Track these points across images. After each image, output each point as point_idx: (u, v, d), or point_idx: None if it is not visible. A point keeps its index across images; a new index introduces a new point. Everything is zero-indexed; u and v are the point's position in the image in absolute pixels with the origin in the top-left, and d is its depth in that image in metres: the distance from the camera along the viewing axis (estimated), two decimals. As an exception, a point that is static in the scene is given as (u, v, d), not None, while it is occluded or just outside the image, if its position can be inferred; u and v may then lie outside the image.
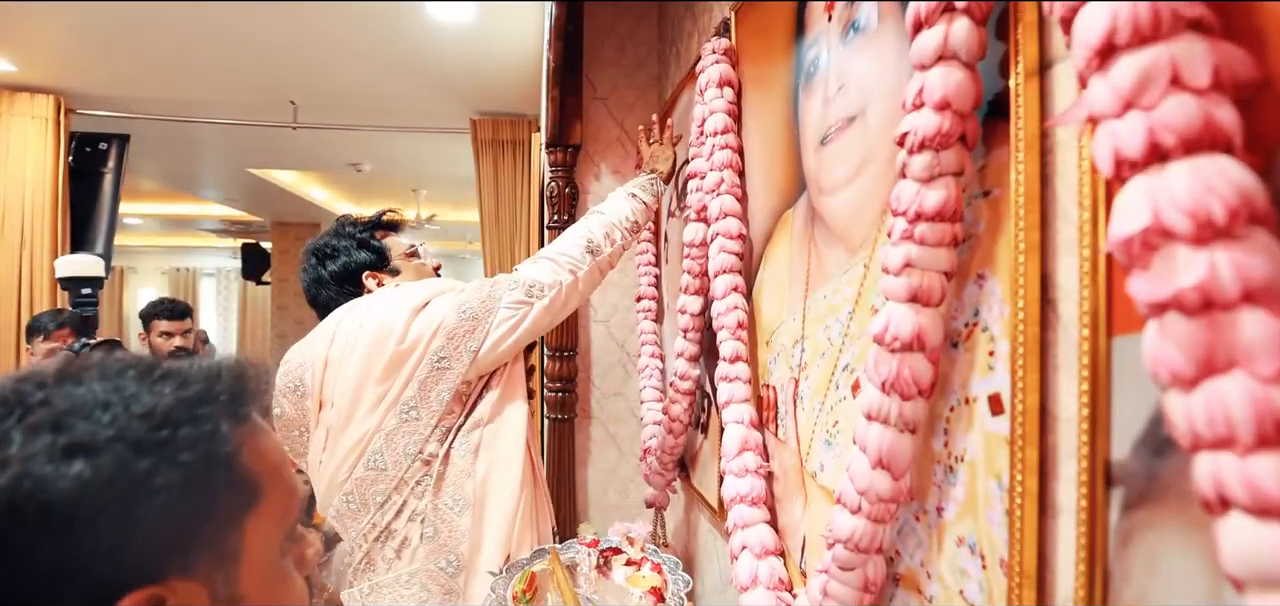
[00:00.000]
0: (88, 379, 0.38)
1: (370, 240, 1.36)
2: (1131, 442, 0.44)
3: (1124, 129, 0.36)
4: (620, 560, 1.16)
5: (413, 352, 1.17)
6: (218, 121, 3.32)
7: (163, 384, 0.39)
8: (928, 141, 0.55)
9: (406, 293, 1.24)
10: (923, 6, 0.54)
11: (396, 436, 1.16)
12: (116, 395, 0.37)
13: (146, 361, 0.41)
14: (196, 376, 0.41)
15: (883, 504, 0.64)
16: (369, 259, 1.34)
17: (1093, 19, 0.37)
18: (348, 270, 1.33)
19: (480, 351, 1.18)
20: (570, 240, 1.31)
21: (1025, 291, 0.52)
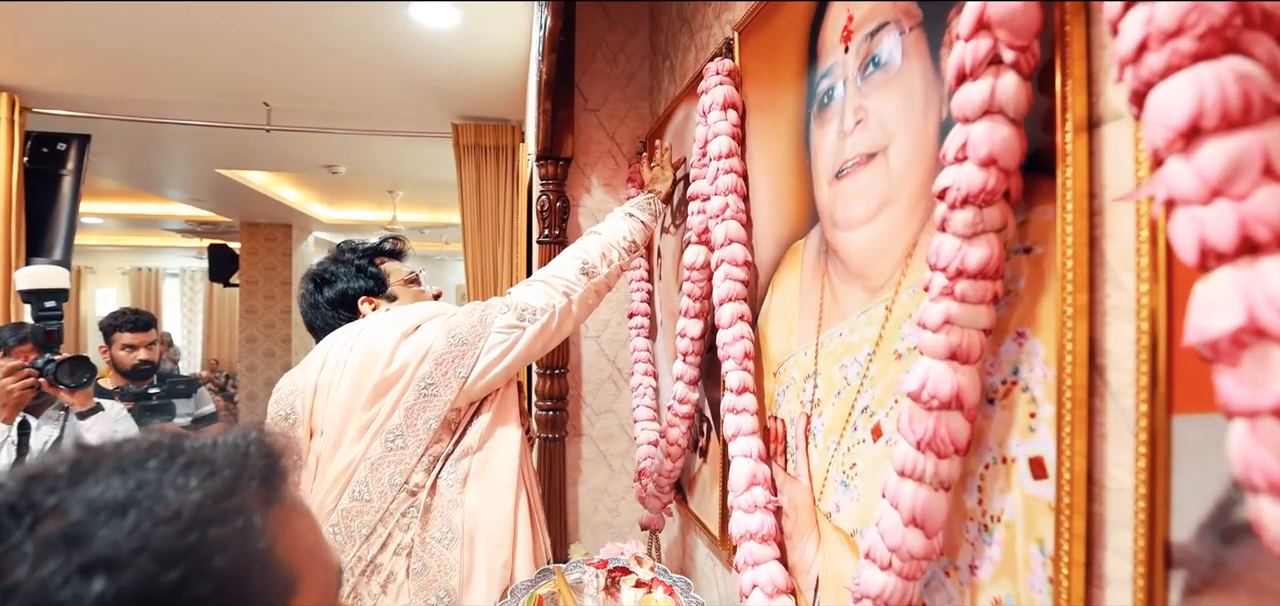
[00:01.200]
0: (104, 474, 0.34)
1: (368, 267, 1.35)
2: (1195, 525, 0.43)
3: (1211, 217, 0.35)
4: (629, 581, 1.14)
5: (399, 378, 1.14)
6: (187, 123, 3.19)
7: (187, 475, 0.35)
8: (971, 198, 0.53)
9: (397, 316, 1.21)
10: (967, 57, 0.53)
11: (382, 465, 1.12)
12: (139, 493, 0.33)
13: (167, 444, 0.37)
14: (224, 460, 0.37)
15: (914, 561, 0.63)
16: (366, 285, 1.32)
17: (1176, 98, 0.36)
18: (344, 297, 1.31)
19: (469, 378, 1.14)
20: (565, 262, 1.28)
21: (1073, 356, 0.50)
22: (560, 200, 1.90)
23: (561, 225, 1.91)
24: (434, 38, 2.42)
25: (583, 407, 1.99)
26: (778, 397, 1.05)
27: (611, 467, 2.01)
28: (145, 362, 2.57)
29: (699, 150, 1.26)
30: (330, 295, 1.32)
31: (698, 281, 1.31)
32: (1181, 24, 0.36)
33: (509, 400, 1.24)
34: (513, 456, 1.20)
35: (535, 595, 1.14)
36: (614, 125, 2.00)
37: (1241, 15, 0.36)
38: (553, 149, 1.86)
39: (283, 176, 5.19)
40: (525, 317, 1.19)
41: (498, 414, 1.21)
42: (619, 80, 2.00)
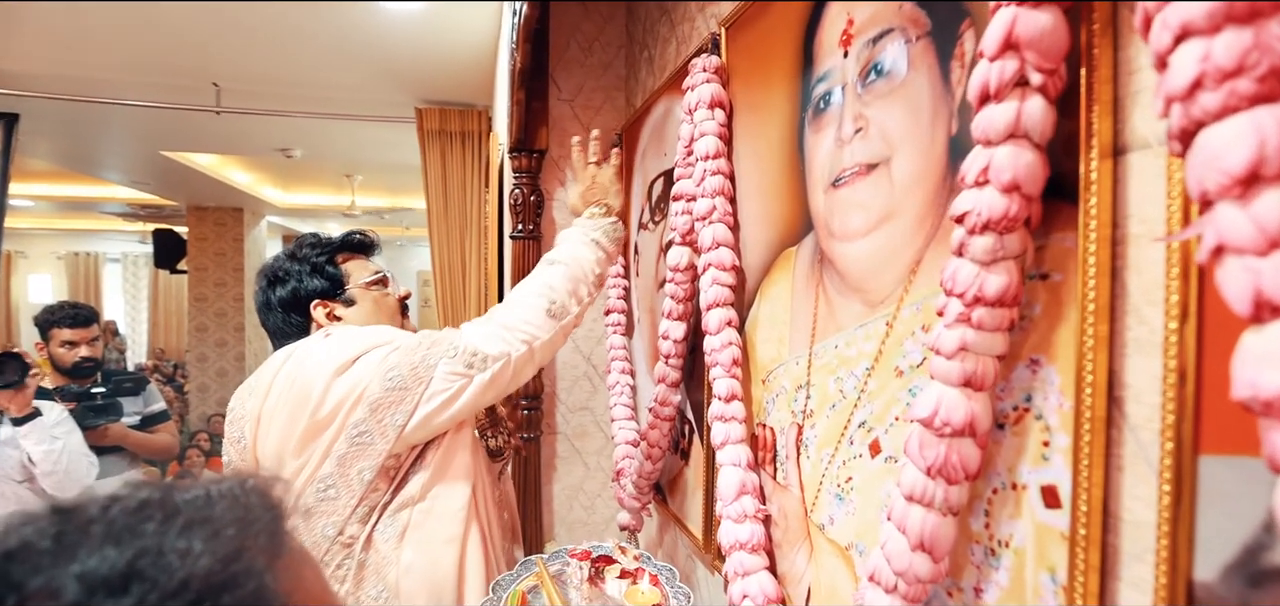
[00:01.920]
0: (95, 543, 0.30)
1: (326, 265, 1.19)
2: (1220, 567, 0.42)
3: (1268, 269, 0.33)
4: (614, 571, 1.11)
5: (329, 425, 1.02)
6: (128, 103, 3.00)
7: (189, 537, 0.31)
8: (993, 224, 0.52)
9: (336, 347, 1.06)
10: (992, 77, 0.51)
11: (314, 516, 1.02)
12: (140, 563, 0.29)
13: (158, 500, 0.33)
14: (226, 516, 0.33)
15: (919, 584, 0.62)
16: (321, 286, 1.17)
17: (1234, 141, 0.34)
18: (296, 297, 1.17)
19: (407, 428, 1.02)
20: (529, 301, 1.14)
21: (1092, 387, 0.50)
22: (534, 194, 1.84)
23: (535, 219, 1.85)
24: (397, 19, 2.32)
25: (557, 405, 1.95)
26: (767, 405, 1.04)
27: (587, 465, 1.98)
28: (87, 360, 2.41)
29: (684, 148, 1.23)
30: (282, 295, 1.17)
31: (682, 283, 1.29)
32: (1242, 63, 0.35)
33: (458, 443, 1.11)
34: (460, 507, 1.08)
35: (518, 590, 1.10)
36: (589, 116, 1.95)
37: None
38: (526, 141, 1.80)
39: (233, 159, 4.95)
40: (474, 365, 1.05)
41: (444, 459, 1.08)
42: (594, 70, 1.95)
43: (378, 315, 1.19)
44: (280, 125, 3.55)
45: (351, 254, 1.23)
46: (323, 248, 1.21)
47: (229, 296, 6.40)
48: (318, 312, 1.17)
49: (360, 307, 1.20)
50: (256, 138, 3.94)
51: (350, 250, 1.23)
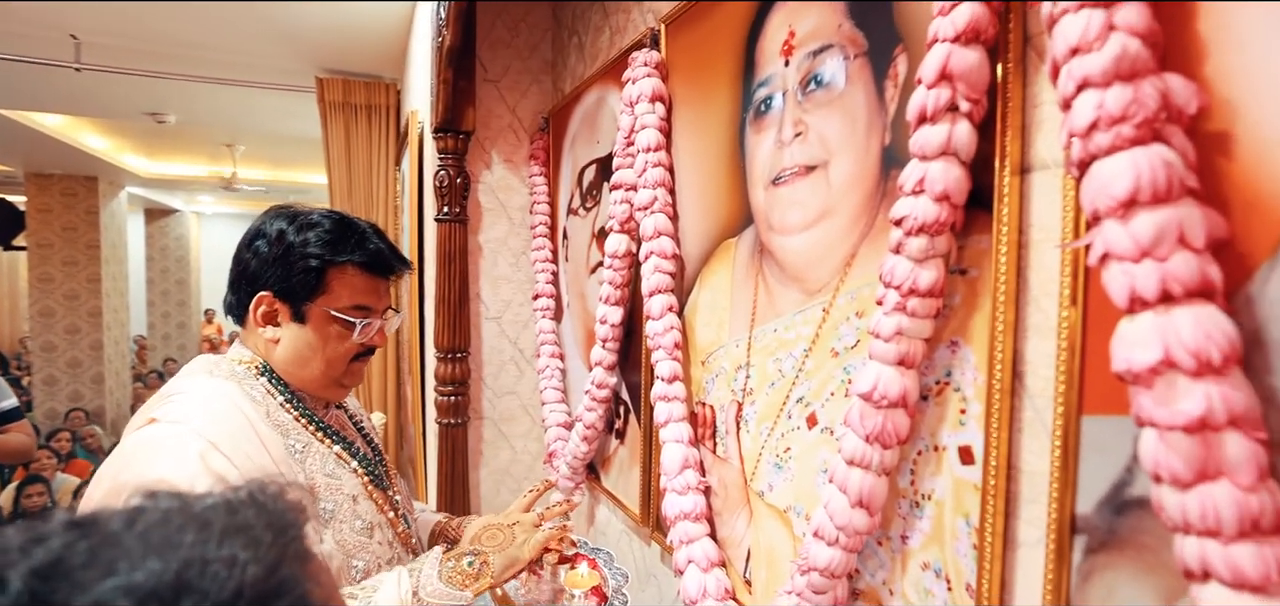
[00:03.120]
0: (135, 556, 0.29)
1: (309, 261, 0.91)
2: (1095, 501, 0.54)
3: (1141, 273, 0.44)
4: (552, 557, 1.14)
5: None
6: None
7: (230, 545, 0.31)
8: (926, 227, 0.61)
9: (142, 458, 0.79)
10: (929, 103, 0.60)
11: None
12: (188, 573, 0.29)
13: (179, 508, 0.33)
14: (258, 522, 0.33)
15: (857, 536, 0.72)
16: (280, 280, 0.91)
17: (1119, 173, 0.45)
18: (255, 277, 0.92)
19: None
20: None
21: (1001, 363, 0.61)
22: (460, 176, 1.81)
23: (461, 202, 1.82)
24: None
25: (484, 390, 1.94)
26: (706, 385, 1.11)
27: (514, 449, 1.99)
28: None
29: (624, 139, 1.27)
30: (254, 255, 0.92)
31: (620, 269, 1.34)
32: (1125, 112, 0.45)
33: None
34: None
35: None
36: (515, 98, 1.94)
37: (1164, 110, 0.45)
38: (452, 121, 1.76)
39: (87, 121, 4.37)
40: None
41: None
42: (521, 51, 1.93)
43: (317, 352, 0.93)
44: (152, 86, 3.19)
45: (357, 268, 0.93)
46: (333, 241, 0.92)
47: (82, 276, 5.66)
48: (257, 309, 0.92)
49: (307, 333, 0.92)
50: (121, 99, 3.51)
51: (363, 267, 0.94)
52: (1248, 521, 0.41)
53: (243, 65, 2.93)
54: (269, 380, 0.93)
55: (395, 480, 1.08)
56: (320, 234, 0.92)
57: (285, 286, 0.91)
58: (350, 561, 0.92)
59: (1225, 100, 0.46)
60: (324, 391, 0.97)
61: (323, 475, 0.92)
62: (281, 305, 0.92)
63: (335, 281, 0.92)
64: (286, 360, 0.94)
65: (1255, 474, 0.41)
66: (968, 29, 0.58)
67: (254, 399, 0.90)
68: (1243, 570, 0.40)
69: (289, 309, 0.92)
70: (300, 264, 0.90)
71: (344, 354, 0.95)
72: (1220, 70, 0.46)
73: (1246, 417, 0.41)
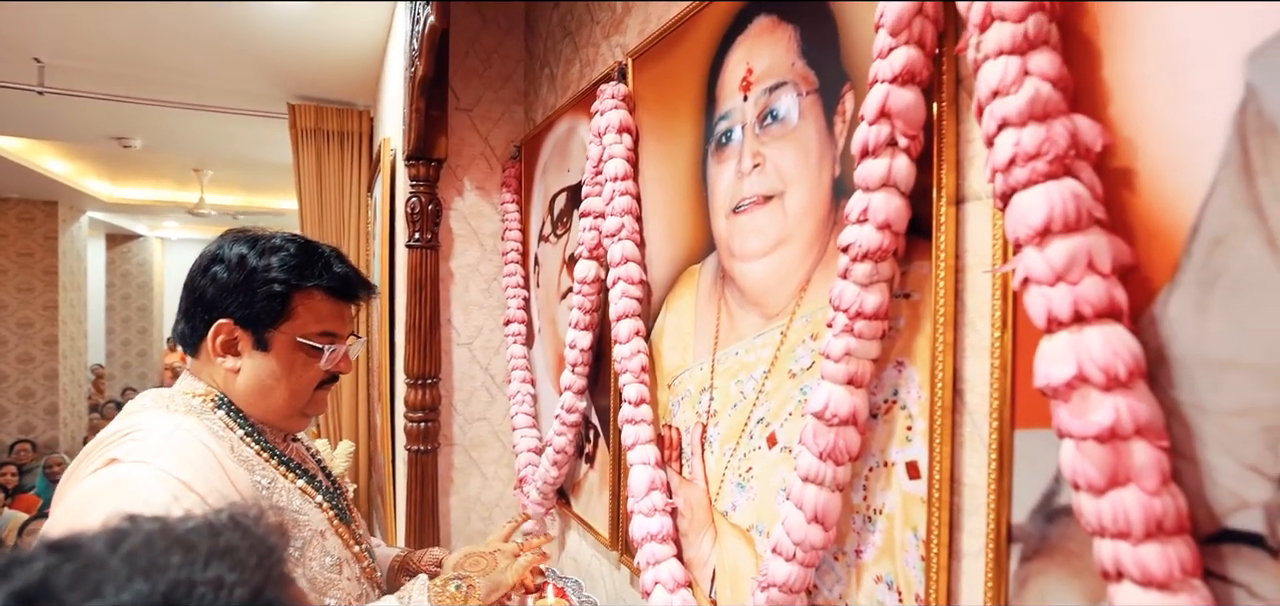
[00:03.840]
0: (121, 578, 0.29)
1: (273, 286, 0.87)
2: (1028, 511, 0.57)
3: (1056, 296, 0.48)
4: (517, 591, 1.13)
5: None
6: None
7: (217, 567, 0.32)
8: (870, 254, 0.65)
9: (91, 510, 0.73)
10: (871, 138, 0.64)
11: None
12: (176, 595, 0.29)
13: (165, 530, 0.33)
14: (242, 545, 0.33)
15: (814, 551, 0.74)
16: (240, 307, 0.87)
17: (1035, 205, 0.49)
18: (213, 304, 0.88)
19: None
20: None
21: (942, 382, 0.64)
22: (432, 203, 1.83)
23: (433, 229, 1.84)
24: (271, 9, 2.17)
25: (454, 416, 1.94)
26: (672, 408, 1.14)
27: (484, 476, 1.98)
28: None
29: (593, 168, 1.31)
30: (210, 280, 0.88)
31: (589, 295, 1.36)
32: (1039, 150, 0.49)
33: None
34: None
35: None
36: (487, 127, 1.97)
37: (1073, 147, 0.50)
38: (424, 149, 1.78)
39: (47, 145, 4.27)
40: None
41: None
42: (493, 81, 1.97)
43: (280, 383, 0.90)
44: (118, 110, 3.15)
45: (322, 293, 0.91)
46: (298, 266, 0.89)
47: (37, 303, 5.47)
48: (216, 338, 0.88)
49: (269, 363, 0.89)
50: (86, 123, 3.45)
51: (330, 292, 0.91)
52: (1153, 523, 0.44)
53: (213, 90, 2.92)
54: (227, 413, 0.88)
55: (356, 514, 1.06)
56: (284, 258, 0.89)
57: (248, 313, 0.88)
58: (321, 600, 0.89)
59: (1128, 139, 0.51)
60: (287, 422, 0.94)
61: (289, 512, 0.89)
62: (243, 333, 0.88)
63: (301, 307, 0.89)
64: (248, 390, 0.90)
65: (1159, 479, 0.44)
66: (904, 71, 0.63)
67: (216, 433, 0.85)
68: (1150, 569, 0.44)
69: (251, 337, 0.88)
70: (264, 290, 0.87)
71: (309, 382, 0.92)
72: (1123, 112, 0.51)
73: (1151, 427, 0.45)
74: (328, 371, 0.93)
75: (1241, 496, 0.44)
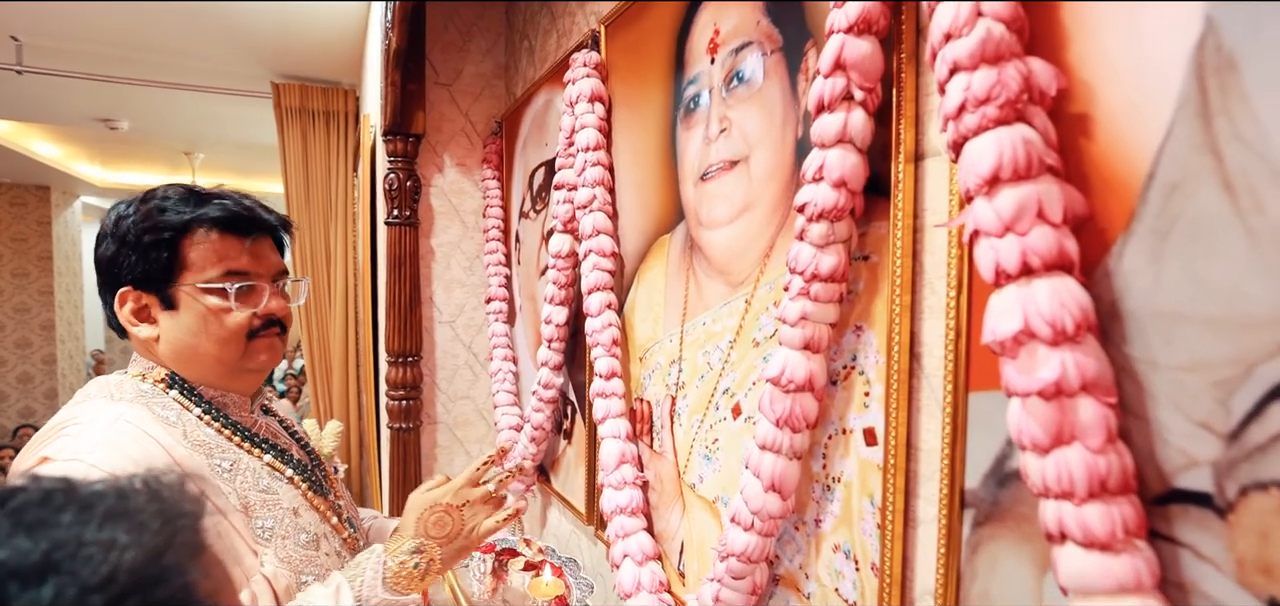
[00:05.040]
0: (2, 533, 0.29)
1: (158, 240, 0.82)
2: (981, 476, 0.55)
3: (1004, 248, 0.45)
4: (518, 563, 1.09)
5: None
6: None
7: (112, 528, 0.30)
8: (825, 213, 0.63)
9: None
10: (825, 92, 0.62)
11: None
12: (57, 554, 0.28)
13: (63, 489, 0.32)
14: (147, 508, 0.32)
15: (772, 520, 0.73)
16: (136, 269, 0.82)
17: (984, 152, 0.46)
18: (112, 270, 0.84)
19: None
20: None
21: (899, 346, 0.62)
22: (410, 179, 1.80)
23: (412, 205, 1.81)
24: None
25: (438, 394, 1.92)
26: (644, 381, 1.12)
27: (469, 454, 1.97)
28: None
29: (565, 139, 1.28)
30: (102, 257, 0.85)
31: (563, 269, 1.34)
32: (989, 94, 0.46)
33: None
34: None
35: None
36: (468, 102, 1.93)
37: (1026, 91, 0.47)
38: (401, 124, 1.75)
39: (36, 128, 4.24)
40: None
41: None
42: (473, 55, 1.93)
43: (201, 336, 0.84)
44: (103, 91, 3.11)
45: (213, 232, 0.84)
46: (172, 214, 0.83)
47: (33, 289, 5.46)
48: (124, 308, 0.83)
49: (183, 318, 0.83)
50: (70, 105, 3.41)
51: (215, 226, 0.85)
52: (1097, 482, 0.42)
53: (196, 70, 2.87)
54: (181, 392, 0.84)
55: (336, 485, 1.03)
56: (159, 204, 0.83)
57: (142, 273, 0.82)
58: (299, 578, 0.86)
59: (1086, 83, 0.48)
60: (231, 382, 0.88)
61: (256, 492, 0.85)
62: (147, 296, 0.83)
63: (192, 251, 0.83)
64: (175, 355, 0.84)
65: (1104, 436, 0.42)
66: (860, 20, 0.60)
67: (167, 420, 0.80)
68: (1093, 530, 0.42)
69: (156, 298, 0.83)
70: (149, 240, 0.82)
71: (234, 332, 0.85)
72: (1081, 55, 0.48)
73: (1098, 383, 0.43)
74: (258, 316, 0.86)
75: (1191, 455, 0.42)
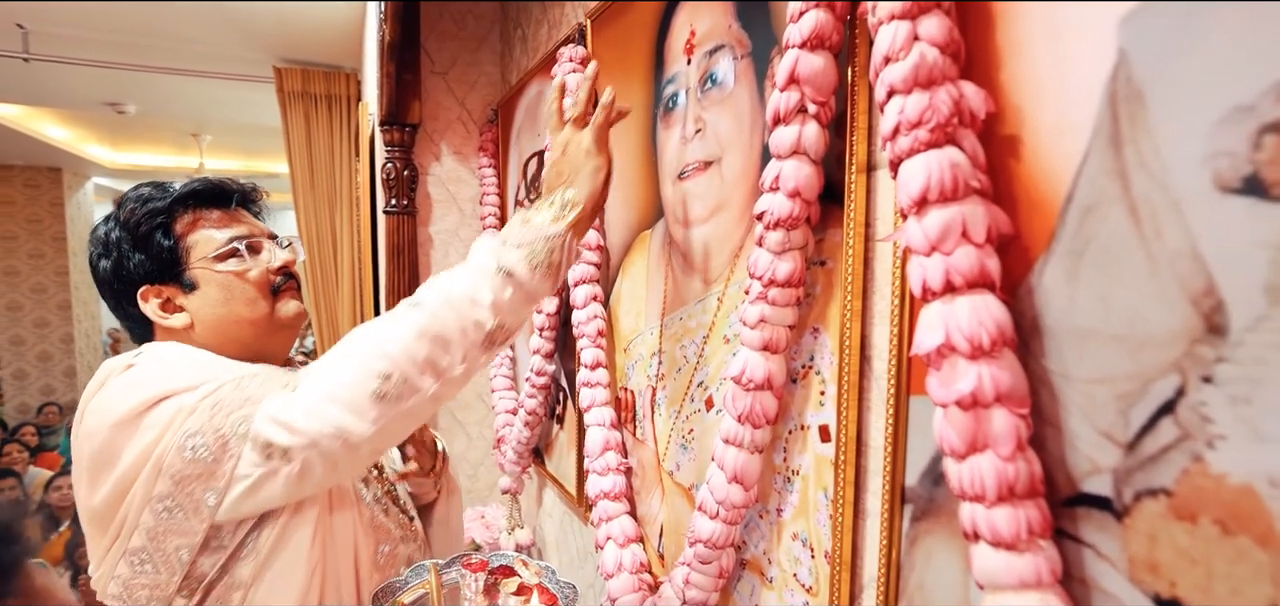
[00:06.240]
0: None
1: (155, 232, 0.85)
2: (918, 474, 0.59)
3: (931, 266, 0.48)
4: (511, 585, 0.97)
5: (126, 494, 0.76)
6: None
7: None
8: (781, 222, 0.65)
9: (126, 388, 0.77)
10: (781, 105, 0.64)
11: (134, 587, 0.79)
12: None
13: None
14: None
15: (735, 510, 0.77)
16: (146, 266, 0.85)
17: (915, 174, 0.49)
18: (121, 279, 0.86)
19: (220, 508, 0.76)
20: (352, 375, 0.75)
21: (850, 348, 0.65)
22: (407, 168, 1.83)
23: (409, 194, 1.85)
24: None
25: (437, 378, 1.97)
26: (628, 371, 1.16)
27: (469, 436, 2.03)
28: None
29: (554, 133, 1.30)
30: (106, 272, 0.87)
31: (553, 259, 1.37)
32: (921, 118, 0.49)
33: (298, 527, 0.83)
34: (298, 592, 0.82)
35: (396, 602, 0.92)
36: (464, 91, 1.96)
37: (957, 114, 0.49)
38: (397, 114, 1.78)
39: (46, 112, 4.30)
40: (273, 455, 0.74)
41: (280, 544, 0.81)
42: (468, 43, 1.95)
43: (231, 302, 0.87)
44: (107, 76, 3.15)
45: (199, 210, 0.88)
46: (155, 203, 0.86)
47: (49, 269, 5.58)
48: (149, 304, 0.86)
49: (206, 293, 0.86)
50: (77, 90, 3.46)
51: (197, 204, 0.88)
52: (1006, 487, 0.45)
53: (199, 55, 2.91)
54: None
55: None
56: (139, 201, 0.87)
57: (155, 268, 0.85)
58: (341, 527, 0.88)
59: (1016, 106, 0.50)
60: (269, 341, 0.89)
61: None
62: (166, 287, 0.86)
63: (189, 231, 0.87)
64: (210, 331, 0.86)
65: (1015, 445, 0.46)
66: (813, 35, 0.62)
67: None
68: (1000, 530, 0.45)
69: (176, 286, 0.86)
70: (145, 232, 0.85)
71: (259, 285, 0.88)
72: (1013, 77, 0.51)
73: (1012, 395, 0.46)
74: (272, 273, 0.90)
75: (1096, 462, 0.45)
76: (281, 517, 0.81)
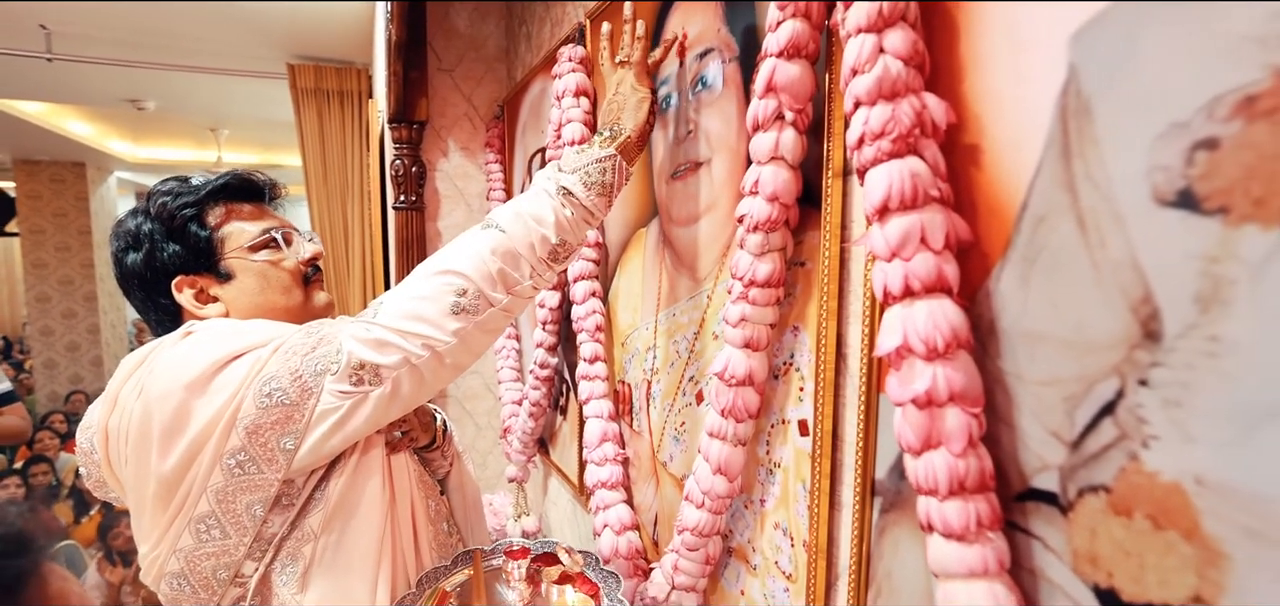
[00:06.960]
0: None
1: (190, 224, 0.86)
2: (887, 468, 0.62)
3: (891, 272, 0.51)
4: (553, 573, 0.97)
5: (196, 459, 0.76)
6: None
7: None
8: (760, 225, 0.68)
9: (192, 352, 0.78)
10: (759, 112, 0.66)
11: (199, 559, 0.80)
12: None
13: None
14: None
15: (720, 500, 0.80)
16: (181, 257, 0.86)
17: (878, 183, 0.51)
18: (154, 270, 0.86)
19: (298, 453, 0.78)
20: (432, 292, 0.79)
21: (826, 346, 0.68)
22: (416, 165, 1.87)
23: (417, 191, 1.89)
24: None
25: (446, 369, 2.02)
26: (625, 365, 1.19)
27: (478, 425, 2.08)
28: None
29: (553, 132, 1.33)
30: (135, 264, 0.87)
31: (555, 255, 1.40)
32: (884, 129, 0.51)
33: (368, 466, 0.86)
34: (373, 542, 0.86)
35: (438, 589, 0.93)
36: (470, 87, 1.99)
37: (919, 125, 0.52)
38: (405, 112, 1.82)
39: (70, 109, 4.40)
40: (365, 378, 0.77)
41: (351, 486, 0.84)
42: (474, 40, 1.98)
43: (267, 291, 0.88)
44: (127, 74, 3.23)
45: (230, 204, 0.90)
46: (187, 197, 0.87)
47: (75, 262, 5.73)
48: (183, 294, 0.86)
49: (242, 282, 0.88)
50: (98, 87, 3.55)
51: (227, 198, 0.90)
52: (957, 483, 0.48)
53: (214, 52, 2.97)
54: None
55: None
56: (171, 193, 0.88)
57: (189, 258, 0.86)
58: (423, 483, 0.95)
59: (977, 116, 0.53)
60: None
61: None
62: (201, 278, 0.87)
63: (222, 223, 0.88)
64: (247, 320, 0.86)
65: (966, 442, 0.48)
66: (790, 45, 0.64)
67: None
68: (951, 523, 0.48)
69: (211, 276, 0.87)
70: (185, 227, 0.86)
71: (293, 275, 0.91)
72: (974, 88, 0.53)
73: (965, 395, 0.49)
74: (304, 263, 0.92)
75: (1044, 459, 0.48)
76: (349, 466, 0.84)
